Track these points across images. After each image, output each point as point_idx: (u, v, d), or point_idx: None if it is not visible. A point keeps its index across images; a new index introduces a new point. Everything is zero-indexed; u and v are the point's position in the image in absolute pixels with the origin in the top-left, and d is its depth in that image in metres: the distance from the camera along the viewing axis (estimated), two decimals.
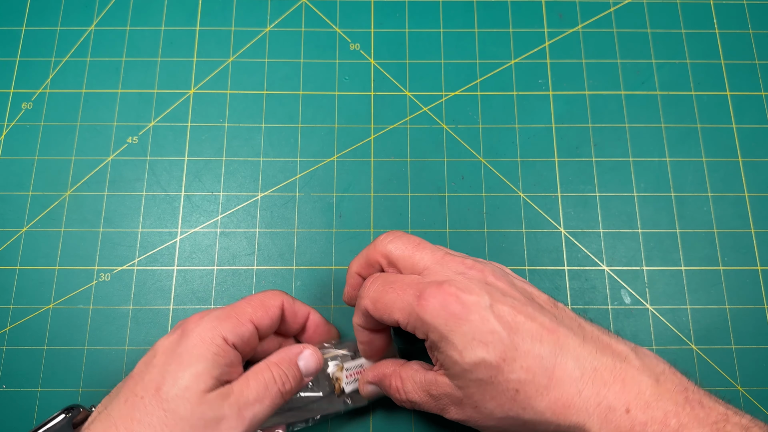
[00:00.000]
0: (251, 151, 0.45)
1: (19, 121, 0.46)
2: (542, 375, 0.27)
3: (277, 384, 0.30)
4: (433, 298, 0.28)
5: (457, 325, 0.28)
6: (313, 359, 0.33)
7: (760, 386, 0.40)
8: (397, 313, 0.30)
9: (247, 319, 0.31)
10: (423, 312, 0.28)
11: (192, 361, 0.29)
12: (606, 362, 0.27)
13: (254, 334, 0.31)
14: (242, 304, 0.32)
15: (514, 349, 0.27)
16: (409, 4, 0.49)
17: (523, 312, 0.28)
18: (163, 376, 0.28)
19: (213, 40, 0.48)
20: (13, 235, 0.43)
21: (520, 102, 0.47)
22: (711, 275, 0.43)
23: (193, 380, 0.28)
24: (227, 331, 0.30)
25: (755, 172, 0.45)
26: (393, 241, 0.32)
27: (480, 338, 0.27)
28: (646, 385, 0.27)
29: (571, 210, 0.44)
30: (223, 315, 0.31)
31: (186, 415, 0.28)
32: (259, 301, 0.33)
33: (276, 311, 0.33)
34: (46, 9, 0.49)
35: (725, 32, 0.49)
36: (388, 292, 0.30)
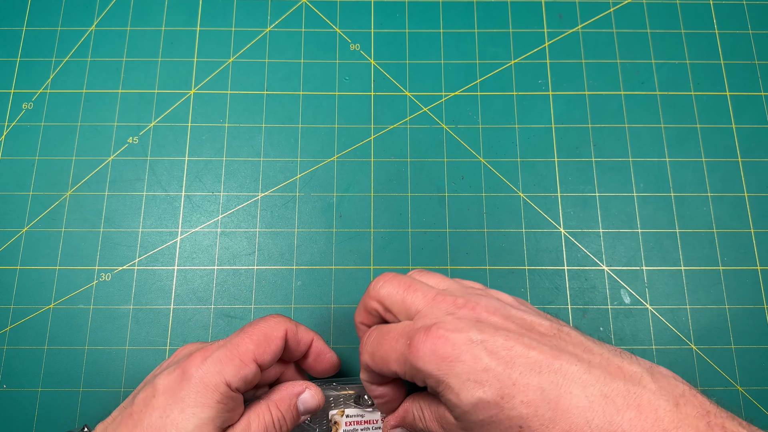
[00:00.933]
0: (251, 151, 0.45)
1: (20, 122, 0.46)
2: (545, 408, 0.25)
3: (276, 426, 0.30)
4: (423, 344, 0.27)
5: (449, 367, 0.27)
6: (314, 401, 0.32)
7: (759, 386, 0.40)
8: (393, 365, 0.29)
9: (251, 359, 0.30)
10: (415, 360, 0.27)
11: (195, 410, 0.28)
12: (617, 387, 0.25)
13: (258, 373, 0.30)
14: (245, 340, 0.31)
15: (512, 385, 0.26)
16: (409, 5, 0.49)
17: (519, 343, 0.27)
18: (164, 424, 0.28)
19: (213, 41, 0.48)
20: (13, 235, 0.43)
21: (520, 102, 0.47)
22: (710, 275, 0.43)
23: (197, 429, 0.28)
24: (231, 375, 0.29)
25: (755, 172, 0.45)
26: (384, 285, 0.31)
27: (474, 378, 0.26)
28: (664, 410, 0.25)
29: (571, 210, 0.44)
30: (226, 357, 0.30)
31: None
32: (262, 334, 0.31)
33: (279, 343, 0.31)
34: (47, 9, 0.49)
35: (725, 32, 0.49)
36: (383, 344, 0.29)
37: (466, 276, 0.42)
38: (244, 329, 0.31)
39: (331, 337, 0.41)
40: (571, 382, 0.25)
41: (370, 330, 0.32)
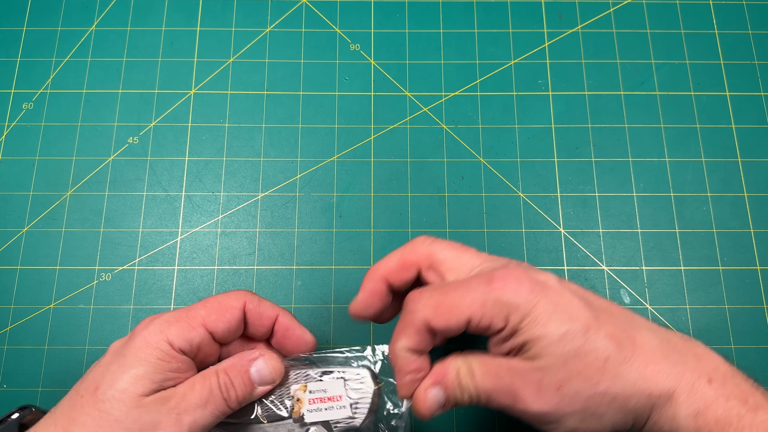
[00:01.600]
0: (252, 152, 0.45)
1: (20, 122, 0.46)
2: (627, 343, 0.27)
3: (222, 391, 0.29)
4: (507, 279, 0.27)
5: (538, 298, 0.27)
6: (268, 369, 0.30)
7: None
8: (467, 309, 0.27)
9: (199, 323, 0.30)
10: (502, 293, 0.27)
11: (134, 363, 0.28)
12: (675, 337, 0.28)
13: (207, 339, 0.30)
14: (197, 306, 0.31)
15: (595, 319, 0.27)
16: (409, 5, 0.49)
17: (588, 292, 0.29)
18: (104, 376, 0.28)
19: (213, 41, 0.48)
20: (13, 235, 0.43)
21: (520, 102, 0.47)
22: (710, 275, 0.43)
23: (131, 383, 0.28)
24: (174, 335, 0.29)
25: (754, 172, 0.45)
26: (436, 242, 0.31)
27: (562, 310, 0.27)
28: (719, 361, 0.28)
29: (571, 210, 0.44)
30: (173, 318, 0.30)
31: (120, 417, 0.27)
32: (217, 303, 0.31)
33: (235, 313, 0.31)
34: (47, 9, 0.49)
35: (724, 33, 0.49)
36: (449, 293, 0.28)
37: None
38: (203, 299, 0.31)
39: (331, 337, 0.41)
40: (640, 326, 0.28)
41: (419, 291, 0.29)
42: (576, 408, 0.26)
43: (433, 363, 0.30)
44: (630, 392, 0.26)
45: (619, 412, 0.27)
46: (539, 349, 0.27)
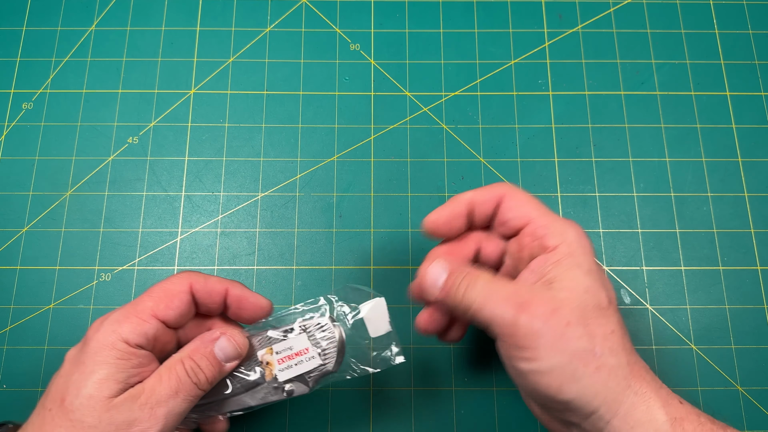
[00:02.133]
0: (251, 152, 0.45)
1: (20, 122, 0.46)
2: (628, 337, 0.30)
3: (191, 376, 0.29)
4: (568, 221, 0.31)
5: (586, 244, 0.30)
6: (230, 345, 0.31)
7: (759, 386, 0.40)
8: (533, 205, 0.32)
9: (149, 315, 0.30)
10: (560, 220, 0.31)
11: (94, 368, 0.28)
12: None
13: (161, 328, 0.30)
14: (143, 298, 0.31)
15: (616, 303, 0.30)
16: (409, 5, 0.49)
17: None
18: (67, 387, 0.28)
19: (213, 41, 0.48)
20: (13, 235, 0.43)
21: (520, 102, 0.47)
22: (710, 275, 0.43)
23: (96, 388, 0.28)
24: (128, 332, 0.29)
25: (755, 172, 0.45)
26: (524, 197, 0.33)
27: (601, 274, 0.30)
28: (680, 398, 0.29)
29: (571, 210, 0.44)
30: (123, 316, 0.29)
31: (94, 423, 0.27)
32: (162, 291, 0.31)
33: (183, 297, 0.31)
34: (47, 9, 0.49)
35: (725, 32, 0.49)
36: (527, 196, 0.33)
37: None
38: (148, 289, 0.31)
39: None
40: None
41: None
42: (567, 348, 0.27)
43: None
44: (616, 373, 0.27)
45: (594, 386, 0.27)
46: (569, 286, 0.28)
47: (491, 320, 0.28)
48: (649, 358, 0.41)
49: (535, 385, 0.28)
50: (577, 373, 0.27)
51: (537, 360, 0.27)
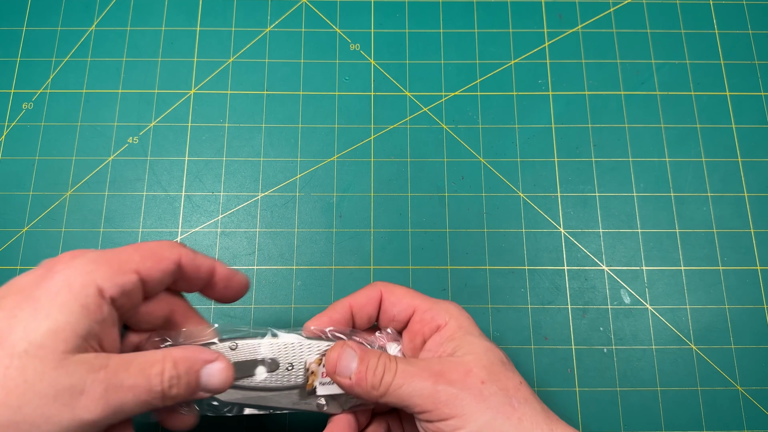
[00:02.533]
0: (252, 152, 0.45)
1: (20, 122, 0.46)
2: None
3: (163, 383, 0.25)
4: (449, 303, 0.33)
5: (469, 325, 0.32)
6: (219, 378, 0.27)
7: (759, 386, 0.40)
8: (416, 298, 0.33)
9: (132, 269, 0.25)
10: (453, 305, 0.33)
11: (51, 311, 0.23)
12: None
13: (138, 288, 0.26)
14: (128, 250, 0.26)
15: (507, 364, 0.31)
16: (409, 5, 0.49)
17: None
18: (11, 326, 0.22)
19: (213, 41, 0.48)
20: (13, 235, 0.43)
21: (520, 102, 0.47)
22: (710, 275, 0.43)
23: (50, 338, 0.22)
24: (105, 278, 0.24)
25: (754, 172, 0.45)
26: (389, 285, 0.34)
27: (491, 340, 0.32)
28: None
29: (571, 210, 0.44)
30: (103, 259, 0.25)
31: (33, 379, 0.22)
32: (151, 250, 0.27)
33: (170, 265, 0.27)
34: (47, 9, 0.49)
35: (725, 32, 0.49)
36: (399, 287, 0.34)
37: (466, 276, 0.42)
38: (133, 244, 0.27)
39: None
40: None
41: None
42: (489, 406, 0.28)
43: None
44: (537, 421, 0.28)
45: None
46: (470, 350, 0.30)
47: (410, 396, 0.28)
48: (649, 359, 0.41)
49: None
50: (503, 428, 0.27)
51: (464, 425, 0.27)
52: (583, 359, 0.41)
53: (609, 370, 0.40)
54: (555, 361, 0.41)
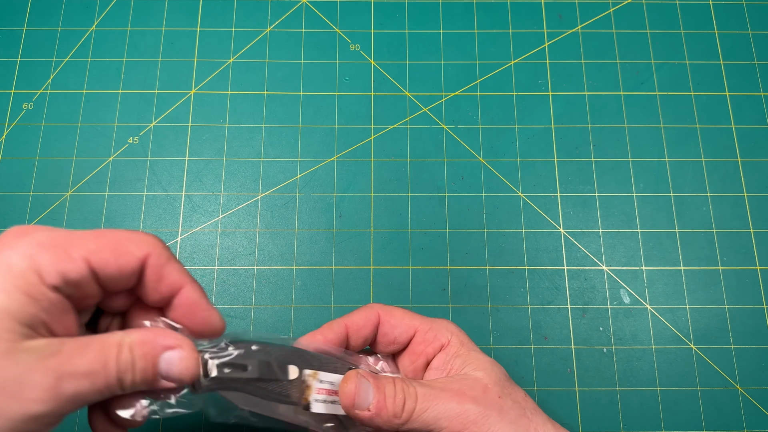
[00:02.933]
0: (252, 152, 0.45)
1: (20, 122, 0.46)
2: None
3: (119, 369, 0.23)
4: (444, 322, 0.34)
5: (465, 345, 0.33)
6: (180, 365, 0.24)
7: (759, 386, 0.40)
8: (417, 321, 0.33)
9: (80, 256, 0.23)
10: (449, 324, 0.34)
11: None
12: None
13: (88, 278, 0.23)
14: (86, 235, 0.23)
15: (511, 385, 0.32)
16: (409, 5, 0.49)
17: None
18: None
19: (214, 41, 0.48)
20: None
21: (520, 102, 0.47)
22: (710, 275, 0.43)
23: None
24: (46, 263, 0.22)
25: (754, 172, 0.45)
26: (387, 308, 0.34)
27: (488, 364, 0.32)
28: None
29: (571, 210, 0.44)
30: (50, 241, 0.22)
31: None
32: (114, 241, 0.24)
33: (132, 262, 0.24)
34: (47, 9, 0.49)
35: (724, 33, 0.49)
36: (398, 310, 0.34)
37: (467, 276, 0.42)
38: (101, 230, 0.24)
39: None
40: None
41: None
42: (510, 419, 0.29)
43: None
44: (547, 427, 0.30)
45: None
46: (478, 367, 0.31)
47: (437, 419, 0.28)
48: (649, 359, 0.41)
49: None
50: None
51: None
52: (582, 359, 0.41)
53: (609, 370, 0.41)
54: (555, 361, 0.41)
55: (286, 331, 0.41)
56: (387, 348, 0.33)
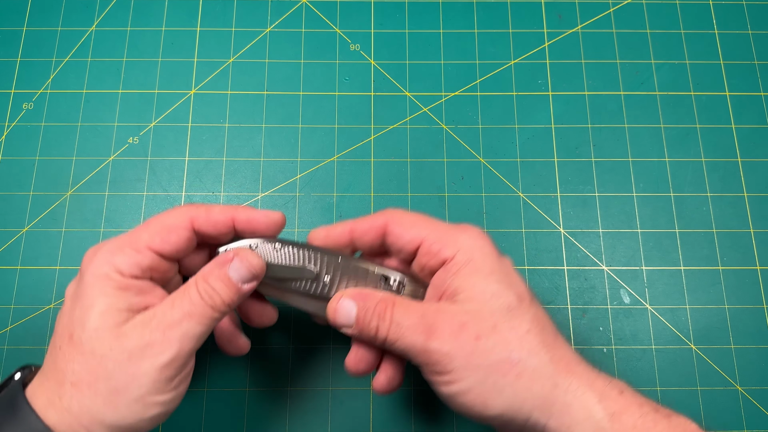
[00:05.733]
0: (252, 152, 0.45)
1: (20, 122, 0.46)
2: (548, 332, 0.29)
3: (205, 299, 0.28)
4: (471, 227, 0.31)
5: (490, 252, 0.30)
6: (244, 266, 0.29)
7: (759, 386, 0.40)
8: (429, 225, 0.31)
9: (144, 247, 0.29)
10: (462, 230, 0.31)
11: (93, 301, 0.27)
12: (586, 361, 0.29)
13: (156, 260, 0.29)
14: (140, 230, 0.30)
15: (529, 300, 0.29)
16: (409, 5, 0.49)
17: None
18: (72, 323, 0.27)
19: (213, 41, 0.48)
20: (14, 235, 0.43)
21: (520, 102, 0.47)
22: (710, 275, 0.43)
23: (100, 319, 0.27)
24: (121, 263, 0.28)
25: (754, 172, 0.45)
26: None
27: (505, 274, 0.29)
28: (624, 384, 0.28)
29: (571, 210, 0.44)
30: (116, 247, 0.29)
31: (105, 353, 0.26)
32: (160, 224, 0.30)
33: (182, 233, 0.30)
34: (47, 9, 0.49)
35: (724, 33, 0.49)
36: (419, 215, 0.32)
37: None
38: (146, 221, 0.30)
39: (331, 338, 0.41)
40: (559, 335, 0.30)
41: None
42: (481, 363, 0.27)
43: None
44: (539, 374, 0.27)
45: (519, 394, 0.27)
46: (472, 295, 0.28)
47: (406, 351, 0.29)
48: (649, 359, 0.41)
49: (461, 406, 0.28)
50: (497, 386, 0.27)
51: (455, 382, 0.27)
52: None
53: (609, 370, 0.41)
54: None
55: (286, 334, 0.41)
56: (398, 256, 0.33)
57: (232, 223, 0.31)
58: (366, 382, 0.40)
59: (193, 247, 0.31)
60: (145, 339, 0.27)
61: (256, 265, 0.30)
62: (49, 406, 0.27)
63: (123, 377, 0.26)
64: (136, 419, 0.27)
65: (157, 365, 0.27)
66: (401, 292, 0.32)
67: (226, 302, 0.29)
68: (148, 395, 0.27)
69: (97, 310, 0.27)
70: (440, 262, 0.30)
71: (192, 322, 0.28)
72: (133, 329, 0.27)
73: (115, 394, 0.26)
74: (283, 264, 0.32)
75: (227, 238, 0.32)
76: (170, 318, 0.28)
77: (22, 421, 0.26)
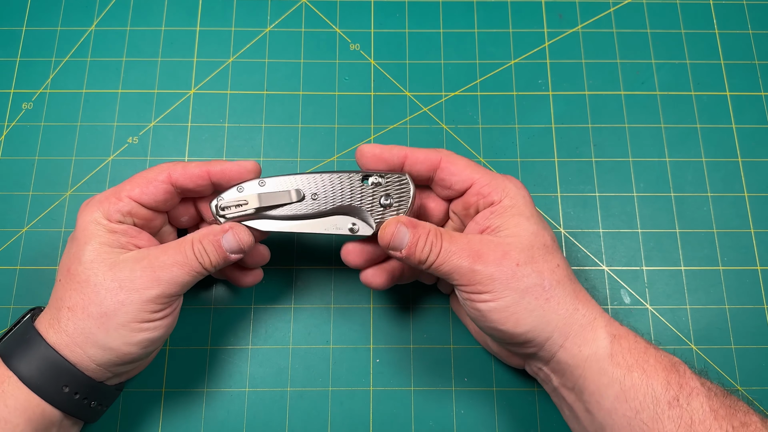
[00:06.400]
0: (251, 151, 0.45)
1: (20, 122, 0.46)
2: (571, 270, 0.34)
3: (197, 256, 0.33)
4: (515, 180, 0.35)
5: (529, 202, 0.34)
6: (234, 240, 0.34)
7: (759, 386, 0.40)
8: (480, 171, 0.35)
9: (125, 196, 0.34)
10: (509, 180, 0.35)
11: (87, 240, 0.32)
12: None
13: (136, 207, 0.34)
14: (124, 183, 0.34)
15: (557, 246, 0.34)
16: (409, 5, 0.49)
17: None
18: (69, 258, 0.33)
19: (213, 41, 0.48)
20: (13, 235, 0.43)
21: (520, 102, 0.47)
22: (710, 275, 0.43)
23: (94, 253, 0.32)
24: (107, 209, 0.33)
25: (755, 172, 0.45)
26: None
27: (541, 220, 0.34)
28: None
29: (571, 210, 0.44)
30: (103, 197, 0.34)
31: (98, 281, 0.31)
32: (141, 177, 0.34)
33: (159, 186, 0.34)
34: (47, 9, 0.49)
35: (725, 32, 0.49)
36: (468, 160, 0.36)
37: None
38: (132, 176, 0.35)
39: (331, 337, 0.41)
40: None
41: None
42: (519, 286, 0.31)
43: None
44: (564, 300, 0.32)
45: (546, 315, 0.31)
46: (516, 232, 0.33)
47: (451, 272, 0.32)
48: None
49: (495, 322, 0.32)
50: (530, 306, 0.31)
51: (494, 300, 0.31)
52: None
53: None
54: None
55: (285, 339, 0.41)
56: (442, 192, 0.37)
57: (207, 175, 0.35)
58: (366, 382, 0.40)
59: (175, 200, 0.36)
60: (135, 273, 0.32)
61: (245, 240, 0.34)
62: (49, 328, 0.32)
63: (112, 303, 0.31)
64: (124, 342, 0.31)
65: (143, 298, 0.31)
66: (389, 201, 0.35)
67: (212, 263, 0.33)
68: (134, 322, 0.31)
69: (91, 247, 0.32)
70: (489, 203, 0.34)
71: (181, 271, 0.32)
72: (125, 262, 0.32)
73: (105, 317, 0.31)
74: (270, 192, 0.35)
75: (207, 191, 0.36)
76: (162, 261, 0.32)
77: (30, 342, 0.31)
